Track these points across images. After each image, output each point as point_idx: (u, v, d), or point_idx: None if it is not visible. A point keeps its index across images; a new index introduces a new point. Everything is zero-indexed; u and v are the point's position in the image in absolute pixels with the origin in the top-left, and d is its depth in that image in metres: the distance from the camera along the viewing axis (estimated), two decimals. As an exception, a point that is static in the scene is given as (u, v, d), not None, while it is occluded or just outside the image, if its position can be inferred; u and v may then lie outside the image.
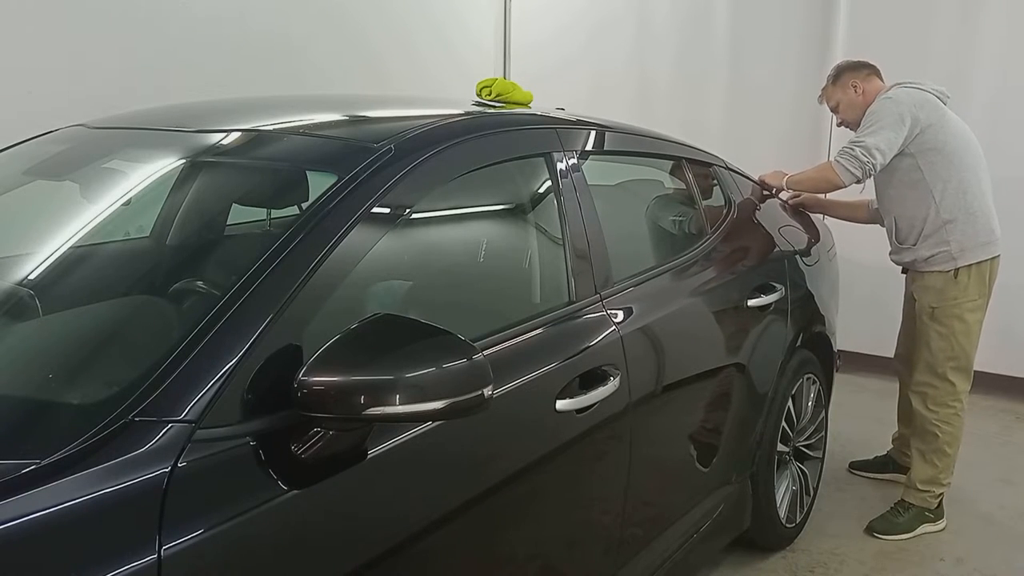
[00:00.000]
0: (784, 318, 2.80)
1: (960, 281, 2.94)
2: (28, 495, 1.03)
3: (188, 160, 1.85)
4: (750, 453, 2.67)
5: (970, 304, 2.96)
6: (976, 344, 3.02)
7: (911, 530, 3.03)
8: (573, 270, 1.93)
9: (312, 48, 3.95)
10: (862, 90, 3.11)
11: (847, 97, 3.14)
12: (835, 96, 3.18)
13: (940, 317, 2.98)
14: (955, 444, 3.04)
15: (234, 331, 1.24)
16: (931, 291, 3.00)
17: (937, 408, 3.01)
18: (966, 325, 2.97)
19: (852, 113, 3.14)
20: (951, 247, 2.93)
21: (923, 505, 3.06)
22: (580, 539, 1.90)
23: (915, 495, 3.07)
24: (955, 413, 3.01)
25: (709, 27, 5.01)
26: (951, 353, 2.98)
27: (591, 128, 2.33)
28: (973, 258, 2.93)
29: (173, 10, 3.36)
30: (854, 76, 3.13)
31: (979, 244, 2.94)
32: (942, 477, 3.05)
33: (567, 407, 1.72)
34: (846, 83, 3.14)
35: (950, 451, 3.02)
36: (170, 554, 1.05)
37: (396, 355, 1.22)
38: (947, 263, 2.95)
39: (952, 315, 2.96)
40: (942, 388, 3.00)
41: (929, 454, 3.03)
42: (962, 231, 2.92)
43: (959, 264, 2.93)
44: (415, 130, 1.72)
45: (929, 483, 3.04)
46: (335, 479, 1.28)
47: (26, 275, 1.63)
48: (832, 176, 2.98)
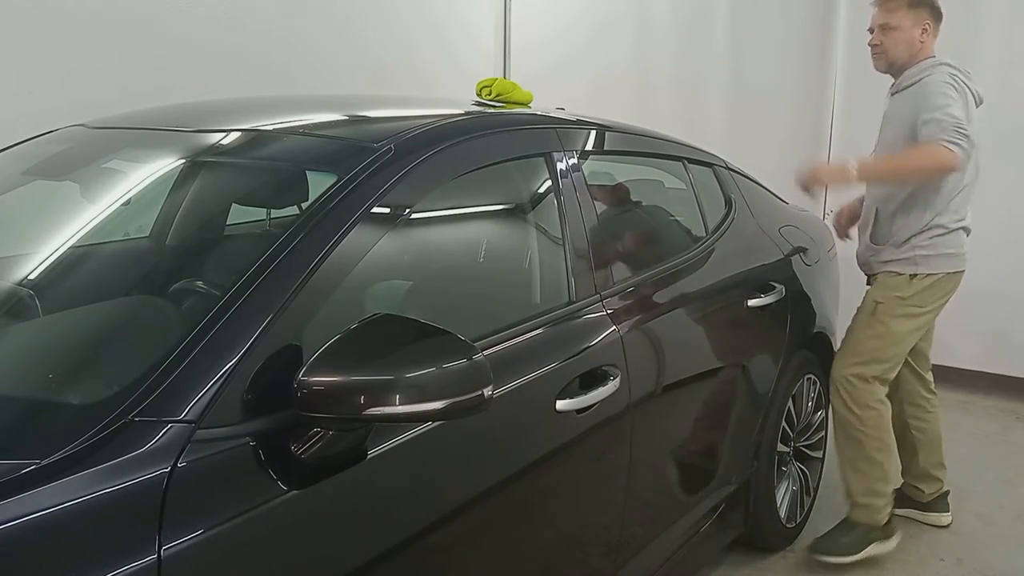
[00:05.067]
0: (784, 318, 2.79)
1: (915, 284, 2.73)
2: (28, 495, 1.03)
3: (188, 160, 1.85)
4: (750, 453, 2.67)
5: (914, 309, 2.74)
6: (903, 355, 2.81)
7: (856, 552, 2.77)
8: (573, 270, 1.93)
9: (312, 48, 3.95)
10: (925, 41, 2.70)
11: (912, 33, 2.69)
12: (902, 19, 2.68)
13: (881, 314, 2.76)
14: (885, 449, 2.78)
15: (234, 331, 1.24)
16: (882, 286, 2.80)
17: (860, 411, 2.75)
18: (903, 329, 2.75)
19: (900, 53, 2.71)
20: (916, 254, 2.72)
21: (868, 522, 2.79)
22: (580, 539, 1.90)
23: (858, 511, 2.82)
24: (879, 415, 2.76)
25: (710, 27, 5.01)
26: (879, 355, 2.76)
27: (591, 128, 2.32)
28: (937, 268, 2.72)
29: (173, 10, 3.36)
30: (931, 19, 2.70)
31: (943, 255, 2.72)
32: (878, 486, 2.78)
33: (567, 407, 1.72)
34: (920, 19, 2.69)
35: (879, 457, 2.76)
36: (170, 554, 1.05)
37: (396, 355, 1.22)
38: (909, 268, 2.74)
39: (894, 314, 2.75)
40: (864, 389, 2.75)
41: (858, 462, 2.78)
42: (931, 242, 2.70)
43: (920, 271, 2.73)
44: (415, 130, 1.72)
45: (867, 495, 2.78)
46: (335, 479, 1.28)
47: (26, 275, 1.63)
48: (944, 157, 2.45)
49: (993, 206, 4.23)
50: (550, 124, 2.14)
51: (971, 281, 2.89)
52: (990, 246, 4.35)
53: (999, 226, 4.23)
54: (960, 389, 4.41)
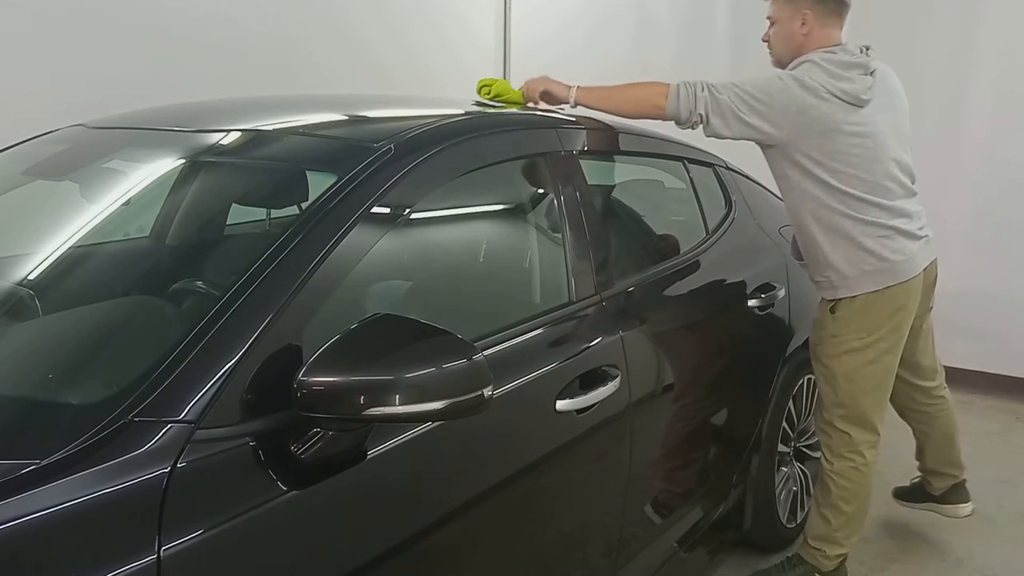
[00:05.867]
0: (784, 318, 2.80)
1: (839, 316, 2.39)
2: (28, 495, 1.03)
3: (188, 160, 1.85)
4: (750, 453, 2.67)
5: (855, 343, 2.38)
6: (867, 393, 2.42)
7: None
8: (573, 270, 1.93)
9: (312, 48, 3.95)
10: (808, 32, 2.35)
11: (790, 26, 2.37)
12: (780, 11, 2.41)
13: (820, 357, 2.47)
14: (855, 502, 2.49)
15: (234, 331, 1.25)
16: (814, 324, 2.51)
17: (833, 459, 2.50)
18: (847, 368, 2.40)
19: (782, 48, 2.43)
20: (830, 276, 2.38)
21: (814, 564, 2.55)
22: (580, 539, 1.90)
23: (806, 550, 2.58)
24: (854, 468, 2.47)
25: (709, 26, 5.01)
26: (835, 400, 2.45)
27: (591, 128, 2.32)
28: (860, 289, 2.35)
29: (172, 11, 3.36)
30: (812, 7, 2.33)
31: (864, 273, 2.34)
32: (838, 536, 2.53)
33: (567, 407, 1.72)
34: (798, 9, 2.35)
35: (847, 508, 2.49)
36: (170, 554, 1.05)
37: (396, 355, 1.22)
38: (828, 292, 2.42)
39: (831, 355, 2.43)
40: (836, 437, 2.48)
41: (823, 507, 2.54)
42: (843, 259, 2.33)
43: (839, 295, 2.38)
44: (415, 130, 1.72)
45: (821, 540, 2.55)
46: (335, 479, 1.28)
47: (26, 275, 1.63)
48: (659, 92, 2.31)
49: (994, 206, 4.24)
50: (550, 124, 2.14)
51: (971, 281, 2.83)
52: (990, 247, 4.37)
53: (999, 226, 4.23)
54: (960, 389, 4.39)
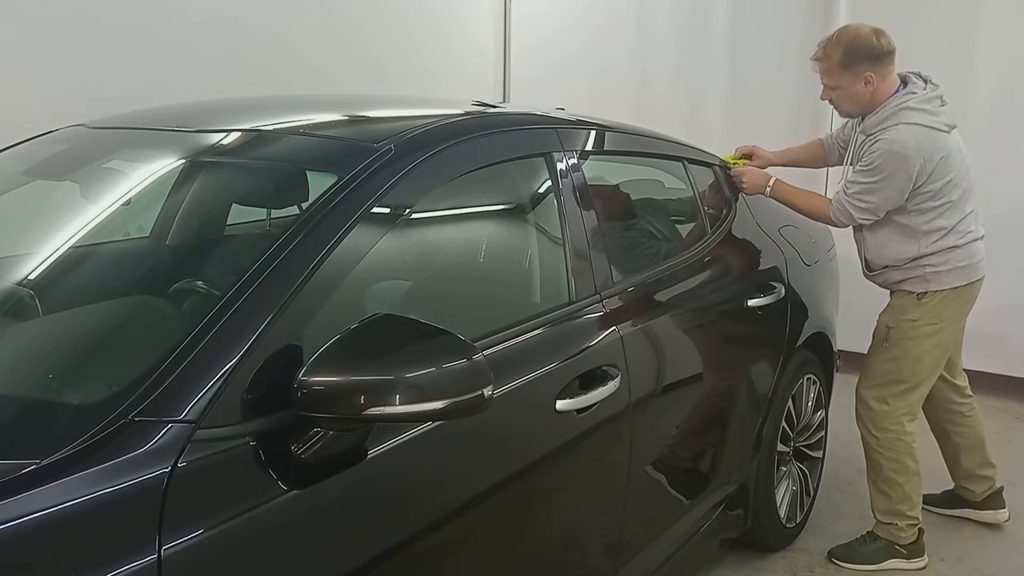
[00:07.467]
0: (784, 318, 2.79)
1: (925, 303, 2.70)
2: (28, 495, 1.03)
3: (188, 160, 1.85)
4: (750, 453, 2.67)
5: (928, 328, 2.70)
6: (928, 371, 2.75)
7: (875, 561, 2.77)
8: (573, 270, 1.93)
9: (311, 49, 3.95)
10: (874, 88, 2.62)
11: (854, 89, 2.63)
12: (838, 80, 2.65)
13: (894, 338, 2.75)
14: (905, 472, 2.75)
15: (234, 331, 1.25)
16: (892, 310, 2.80)
17: (878, 432, 2.77)
18: (920, 350, 2.71)
19: (851, 106, 2.72)
20: (925, 271, 2.69)
21: (890, 538, 2.79)
22: (580, 539, 1.90)
23: (880, 528, 2.82)
24: (896, 438, 2.74)
25: (709, 27, 5.01)
26: (897, 376, 2.74)
27: (591, 128, 2.33)
28: (948, 283, 2.69)
29: (172, 11, 3.36)
30: (871, 68, 2.59)
31: (955, 269, 2.68)
32: (903, 508, 2.77)
33: (567, 407, 1.72)
34: (858, 74, 2.60)
35: (901, 479, 2.74)
36: (170, 554, 1.05)
37: (396, 355, 1.22)
38: (919, 286, 2.72)
39: (907, 337, 2.72)
40: (879, 412, 2.76)
41: (880, 483, 2.80)
42: (941, 259, 2.67)
43: (931, 288, 2.70)
44: (415, 130, 1.72)
45: (888, 514, 2.79)
46: (335, 479, 1.28)
47: (26, 275, 1.63)
48: (826, 215, 2.77)
49: (994, 207, 4.24)
50: (550, 124, 2.14)
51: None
52: (989, 247, 4.36)
53: (999, 227, 4.22)
54: (960, 389, 4.41)
